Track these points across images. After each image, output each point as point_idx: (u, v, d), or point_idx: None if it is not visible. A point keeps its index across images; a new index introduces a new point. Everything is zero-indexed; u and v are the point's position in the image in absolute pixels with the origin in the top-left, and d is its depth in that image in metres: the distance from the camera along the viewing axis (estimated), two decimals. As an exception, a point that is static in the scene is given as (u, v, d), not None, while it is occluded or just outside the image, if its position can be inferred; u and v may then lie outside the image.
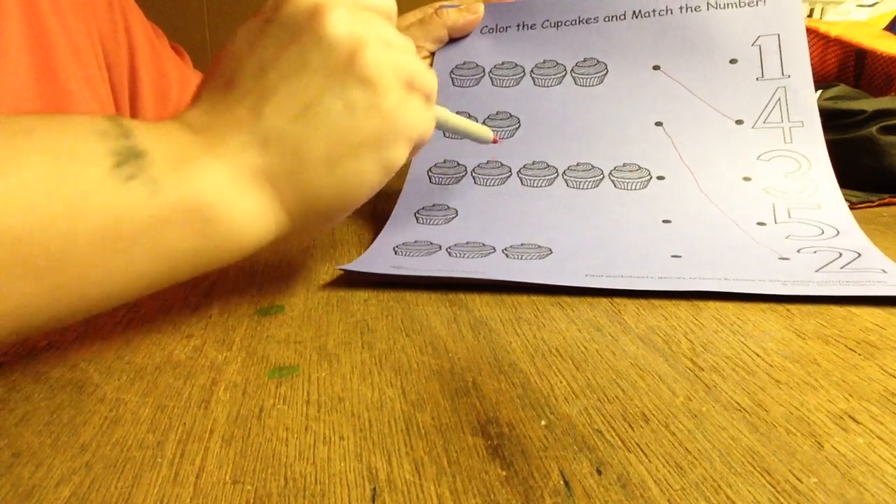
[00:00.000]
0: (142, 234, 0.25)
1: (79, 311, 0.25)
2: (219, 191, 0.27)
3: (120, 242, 0.24)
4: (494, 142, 0.43)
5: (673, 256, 0.35)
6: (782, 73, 0.42)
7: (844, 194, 0.39)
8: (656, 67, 0.44)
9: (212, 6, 1.34)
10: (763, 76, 0.42)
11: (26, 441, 0.21)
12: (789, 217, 0.38)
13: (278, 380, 0.24)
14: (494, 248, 0.38)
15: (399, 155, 0.30)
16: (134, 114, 0.50)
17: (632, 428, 0.20)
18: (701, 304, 0.30)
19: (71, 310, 0.24)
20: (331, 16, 0.29)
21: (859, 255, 0.34)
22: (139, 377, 0.25)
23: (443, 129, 0.38)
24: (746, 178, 0.40)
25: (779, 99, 0.41)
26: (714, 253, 0.35)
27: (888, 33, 0.63)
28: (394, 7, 0.33)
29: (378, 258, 0.38)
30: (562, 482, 0.18)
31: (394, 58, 0.30)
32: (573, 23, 0.47)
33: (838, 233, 0.36)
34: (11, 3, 0.36)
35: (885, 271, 0.31)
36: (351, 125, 0.28)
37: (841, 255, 0.34)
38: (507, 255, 0.37)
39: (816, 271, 0.32)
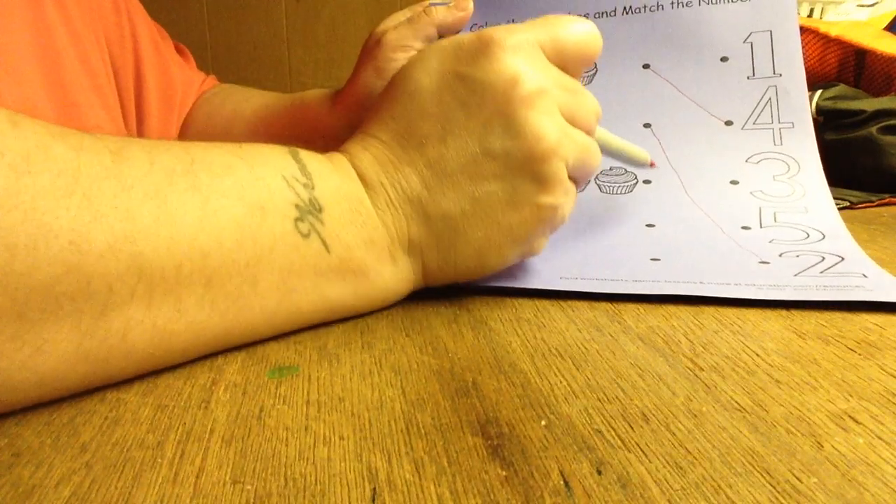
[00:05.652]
0: (306, 282, 0.27)
1: (238, 338, 0.27)
2: (378, 259, 0.29)
3: (285, 287, 0.26)
4: (652, 165, 0.41)
5: (652, 260, 0.35)
6: (774, 72, 0.41)
7: (844, 194, 0.39)
8: (646, 66, 0.43)
9: (212, 5, 1.34)
10: (754, 74, 0.41)
11: (26, 441, 0.21)
12: (775, 221, 0.38)
13: (278, 380, 0.24)
14: None
15: (541, 245, 0.32)
16: (140, 119, 0.49)
17: (632, 428, 0.20)
18: (701, 304, 0.30)
19: (232, 335, 0.26)
20: (533, 109, 0.28)
21: (842, 258, 0.33)
22: (139, 377, 0.25)
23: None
24: (734, 182, 0.40)
25: (770, 99, 0.40)
26: (693, 256, 0.35)
27: (888, 33, 0.63)
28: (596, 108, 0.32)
29: None
30: (562, 482, 0.18)
31: (579, 157, 0.30)
32: None
33: (824, 237, 0.36)
34: (20, 16, 0.36)
35: (865, 276, 0.31)
36: (511, 223, 0.29)
37: (823, 258, 0.33)
38: None
39: (795, 275, 0.31)
